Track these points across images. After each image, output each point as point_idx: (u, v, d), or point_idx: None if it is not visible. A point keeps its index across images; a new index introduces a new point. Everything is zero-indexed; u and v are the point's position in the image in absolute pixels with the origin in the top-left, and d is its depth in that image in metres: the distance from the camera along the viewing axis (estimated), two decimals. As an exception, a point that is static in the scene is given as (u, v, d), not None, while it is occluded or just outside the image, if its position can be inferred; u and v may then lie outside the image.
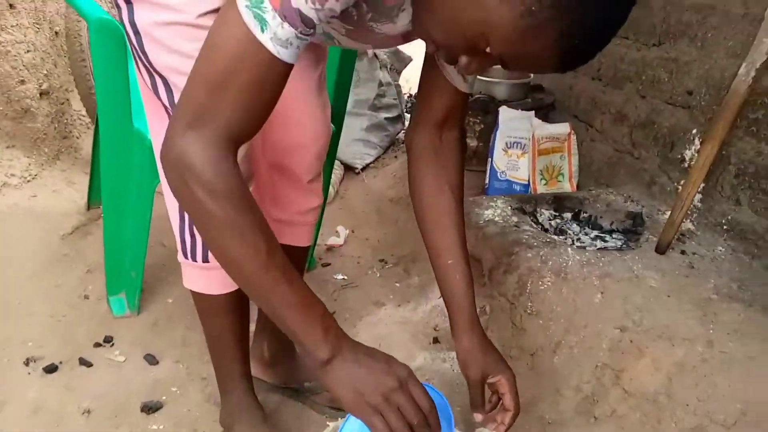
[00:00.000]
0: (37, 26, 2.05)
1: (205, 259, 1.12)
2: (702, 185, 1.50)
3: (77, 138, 2.35)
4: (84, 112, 2.47)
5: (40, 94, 2.07)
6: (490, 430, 1.04)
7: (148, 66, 1.00)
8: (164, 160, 0.77)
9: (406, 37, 0.94)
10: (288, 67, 0.76)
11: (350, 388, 0.80)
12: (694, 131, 1.57)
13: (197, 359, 1.50)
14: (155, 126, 1.09)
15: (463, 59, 0.78)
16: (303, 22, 0.72)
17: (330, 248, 2.15)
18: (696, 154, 1.51)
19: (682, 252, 1.49)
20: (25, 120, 2.03)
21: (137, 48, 0.99)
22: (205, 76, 0.76)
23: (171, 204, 1.11)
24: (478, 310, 1.71)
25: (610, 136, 1.92)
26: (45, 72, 2.09)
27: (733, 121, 1.30)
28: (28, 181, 2.02)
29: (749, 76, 1.22)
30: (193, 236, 1.11)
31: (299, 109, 1.19)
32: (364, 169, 2.78)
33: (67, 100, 2.28)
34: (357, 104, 2.75)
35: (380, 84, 2.82)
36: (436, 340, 1.67)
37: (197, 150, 0.75)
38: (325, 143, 1.25)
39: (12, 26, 1.94)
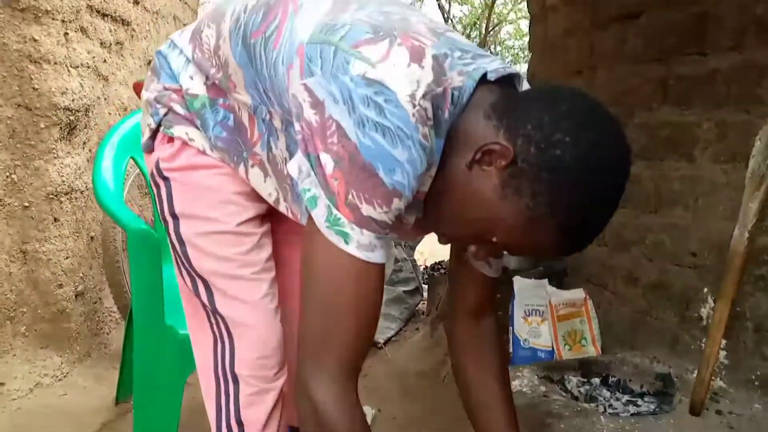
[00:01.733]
0: (76, 234, 2.22)
1: (241, 451, 1.13)
2: (725, 342, 1.52)
3: (107, 334, 2.43)
4: (114, 309, 2.57)
5: (76, 295, 2.18)
6: None
7: (190, 270, 1.10)
8: (297, 395, 0.83)
9: (425, 230, 1.03)
10: (381, 268, 0.82)
11: None
12: (706, 290, 1.62)
13: None
14: (192, 322, 1.17)
15: (472, 248, 0.86)
16: (378, 225, 0.79)
17: None
18: (711, 312, 1.55)
19: (718, 412, 1.47)
20: (60, 321, 2.12)
21: (181, 255, 1.10)
22: (315, 306, 0.83)
23: (208, 395, 1.15)
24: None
25: (626, 298, 1.97)
26: (81, 275, 2.23)
27: (740, 280, 1.35)
28: (60, 380, 2.06)
29: (744, 237, 1.30)
30: (229, 429, 1.13)
31: None
32: (386, 343, 2.80)
33: (100, 299, 2.39)
34: (375, 281, 2.84)
35: (396, 260, 2.95)
36: None
37: (323, 388, 0.80)
38: None
39: (54, 237, 2.10)
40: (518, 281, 2.05)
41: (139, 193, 2.81)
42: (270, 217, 1.16)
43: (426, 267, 3.68)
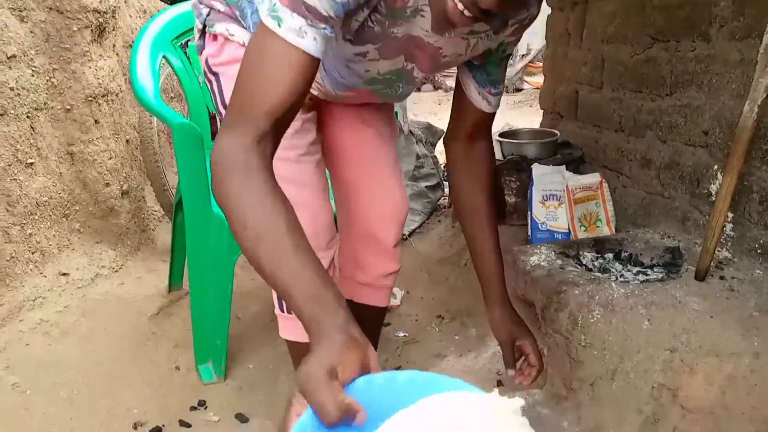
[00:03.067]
0: (116, 136, 2.34)
1: (298, 312, 1.30)
2: (731, 215, 1.63)
3: (153, 231, 2.60)
4: (156, 208, 2.74)
5: (122, 194, 2.33)
6: (521, 383, 1.33)
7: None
8: (210, 162, 0.84)
9: (439, 31, 1.04)
10: (310, 59, 0.84)
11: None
12: (716, 167, 1.71)
13: (282, 418, 1.64)
14: None
15: None
16: (310, 12, 0.82)
17: (388, 309, 2.30)
18: (719, 187, 1.65)
19: (721, 278, 1.60)
20: (110, 217, 2.29)
21: (217, 94, 1.21)
22: (239, 83, 0.86)
23: None
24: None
25: (640, 181, 2.07)
26: (124, 175, 2.37)
27: (747, 154, 1.44)
28: (116, 270, 2.25)
29: (753, 113, 1.37)
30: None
31: (380, 186, 1.41)
32: (411, 234, 2.96)
33: (143, 197, 2.55)
34: (399, 177, 2.97)
35: (417, 157, 3.05)
36: (499, 383, 1.79)
37: (229, 141, 0.82)
38: (405, 213, 1.46)
39: (97, 138, 2.22)
40: (537, 168, 2.15)
41: (165, 98, 2.90)
42: (316, 107, 1.27)
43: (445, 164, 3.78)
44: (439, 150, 3.38)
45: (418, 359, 1.97)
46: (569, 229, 2.10)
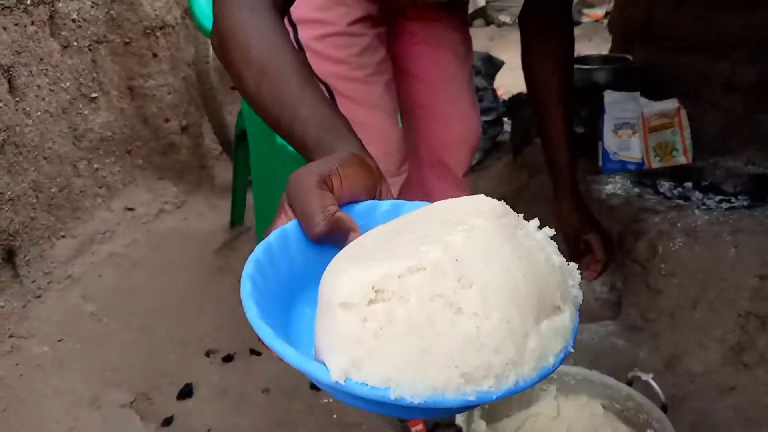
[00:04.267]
0: (174, 71, 2.33)
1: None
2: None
3: (212, 168, 2.62)
4: (214, 146, 2.75)
5: (181, 129, 2.34)
6: (586, 278, 1.27)
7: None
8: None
9: None
10: None
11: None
12: (813, 84, 1.58)
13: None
14: None
15: None
16: None
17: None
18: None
19: (815, 203, 1.50)
20: (171, 153, 2.30)
21: None
22: None
23: None
24: (608, 287, 1.78)
25: (721, 106, 1.94)
26: (183, 110, 2.37)
27: None
28: (179, 207, 2.28)
29: None
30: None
31: (454, 108, 1.34)
32: (470, 171, 2.89)
33: (201, 134, 2.55)
34: (457, 111, 2.88)
35: (477, 89, 2.94)
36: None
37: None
38: (478, 138, 1.39)
39: (156, 73, 2.22)
40: (609, 95, 2.04)
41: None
42: (387, 21, 1.21)
43: (504, 100, 3.65)
44: (498, 82, 3.26)
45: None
46: (643, 159, 1.99)
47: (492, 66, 3.06)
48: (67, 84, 1.87)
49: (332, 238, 0.51)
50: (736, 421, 1.27)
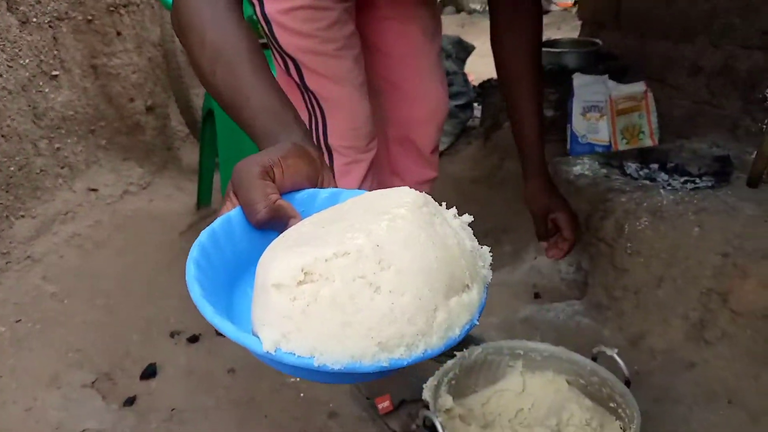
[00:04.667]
0: (139, 50, 2.27)
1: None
2: (788, 119, 1.54)
3: (178, 149, 2.57)
4: (180, 128, 2.70)
5: (147, 109, 2.29)
6: (553, 257, 1.31)
7: (279, 50, 1.15)
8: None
9: None
10: None
11: None
12: (775, 68, 1.61)
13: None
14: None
15: None
16: None
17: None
18: (779, 89, 1.55)
19: (776, 184, 1.53)
20: (136, 134, 2.25)
21: (269, 36, 1.14)
22: None
23: None
24: (574, 267, 1.79)
25: (687, 90, 1.97)
26: (149, 90, 2.31)
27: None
28: (144, 188, 2.24)
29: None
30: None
31: (422, 85, 1.33)
32: (440, 155, 2.88)
33: (168, 115, 2.50)
34: (428, 95, 2.87)
35: (447, 73, 2.93)
36: (537, 296, 1.76)
37: None
38: (445, 116, 1.38)
39: (120, 51, 2.16)
40: (578, 77, 2.05)
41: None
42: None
43: (475, 86, 3.65)
44: (469, 69, 3.26)
45: (452, 274, 1.94)
46: (610, 141, 2.02)
47: (463, 50, 3.06)
48: (27, 61, 1.81)
49: (273, 224, 0.55)
50: (697, 395, 1.30)
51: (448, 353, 1.22)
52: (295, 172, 0.58)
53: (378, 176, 1.47)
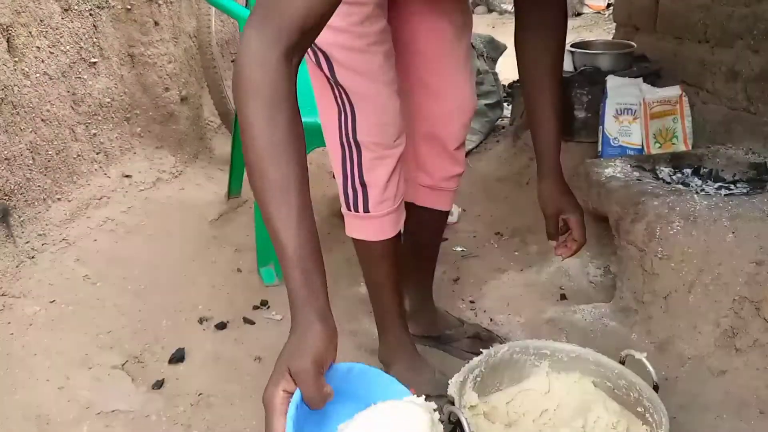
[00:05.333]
0: (175, 40, 2.31)
1: (366, 210, 1.26)
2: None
3: (210, 140, 2.60)
4: (212, 119, 2.73)
5: (181, 99, 2.32)
6: (561, 255, 1.30)
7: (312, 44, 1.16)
8: (236, 64, 0.79)
9: None
10: None
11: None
12: (817, 74, 1.58)
13: (345, 317, 1.63)
14: (319, 96, 1.25)
15: None
16: None
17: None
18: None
19: (813, 193, 1.50)
20: (170, 123, 2.29)
21: None
22: None
23: (336, 162, 1.27)
24: (602, 270, 1.77)
25: (723, 96, 1.94)
26: (183, 80, 2.34)
27: None
28: (176, 176, 2.27)
29: None
30: (354, 190, 1.26)
31: (449, 81, 1.33)
32: (468, 154, 2.88)
33: (201, 105, 2.53)
34: (458, 93, 2.86)
35: (478, 72, 2.92)
36: (563, 297, 1.75)
37: (252, 47, 0.76)
38: (472, 112, 1.38)
39: (157, 41, 2.19)
40: (612, 80, 2.04)
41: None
42: None
43: (504, 86, 3.64)
44: (500, 66, 3.24)
45: (478, 273, 1.94)
46: (642, 145, 2.00)
47: (494, 49, 3.04)
48: (67, 47, 1.85)
49: None
50: (727, 403, 1.28)
51: (475, 351, 1.22)
52: (331, 356, 0.73)
53: (404, 172, 1.47)
